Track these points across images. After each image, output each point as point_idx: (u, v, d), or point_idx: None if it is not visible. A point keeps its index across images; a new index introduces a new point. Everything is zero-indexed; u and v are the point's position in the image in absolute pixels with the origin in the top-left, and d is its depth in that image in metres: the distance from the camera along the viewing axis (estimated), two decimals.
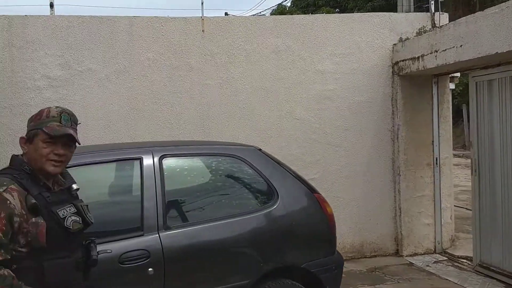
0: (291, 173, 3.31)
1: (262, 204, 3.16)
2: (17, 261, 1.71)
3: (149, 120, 5.15)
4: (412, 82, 5.77)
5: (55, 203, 1.82)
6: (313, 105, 5.54)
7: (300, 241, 3.12)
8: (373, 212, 5.78)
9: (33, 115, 1.90)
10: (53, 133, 1.80)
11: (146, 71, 5.16)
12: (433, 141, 5.86)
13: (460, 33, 4.59)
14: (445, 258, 5.66)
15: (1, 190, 1.71)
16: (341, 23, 5.64)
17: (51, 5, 5.46)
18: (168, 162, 3.09)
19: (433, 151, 5.87)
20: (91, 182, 3.16)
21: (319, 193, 3.32)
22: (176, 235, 2.89)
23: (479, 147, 5.04)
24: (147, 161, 3.02)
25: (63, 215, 1.82)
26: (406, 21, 5.84)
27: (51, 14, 5.16)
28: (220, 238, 2.94)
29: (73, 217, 1.85)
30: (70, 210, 1.87)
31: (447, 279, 4.92)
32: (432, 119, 5.85)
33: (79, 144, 1.88)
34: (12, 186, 1.73)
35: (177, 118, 5.22)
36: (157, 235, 2.83)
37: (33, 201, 1.74)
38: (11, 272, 1.66)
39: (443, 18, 5.89)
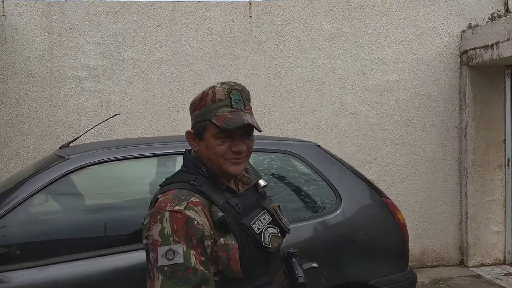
0: (356, 175, 2.85)
1: (321, 210, 2.72)
2: None
3: None
4: (482, 73, 5.14)
5: (245, 212, 1.35)
6: (371, 98, 5.02)
7: (367, 254, 2.65)
8: (436, 217, 5.20)
9: (195, 99, 1.41)
10: (226, 126, 1.32)
11: (189, 60, 4.82)
12: (505, 140, 5.22)
13: None
14: None
15: (181, 207, 1.25)
16: (404, 6, 5.08)
17: None
18: None
19: (505, 150, 5.24)
20: (130, 177, 2.85)
21: (389, 198, 2.85)
22: None
23: None
24: None
25: (258, 228, 1.34)
26: (476, 5, 5.21)
27: None
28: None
29: (270, 229, 1.37)
30: (264, 219, 1.39)
31: None
32: (505, 115, 5.21)
33: (260, 130, 1.36)
34: (193, 199, 1.29)
35: None
36: None
37: (220, 214, 1.29)
38: None
39: None
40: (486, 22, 5.05)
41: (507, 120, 5.21)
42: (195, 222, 1.23)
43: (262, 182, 1.50)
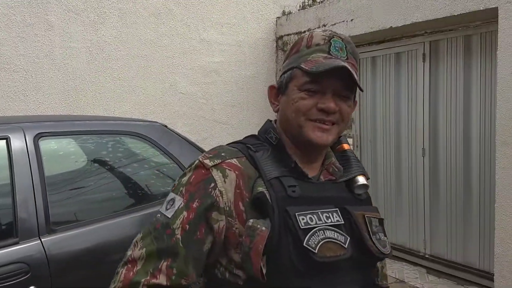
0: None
1: None
2: None
3: None
4: None
5: (303, 201, 0.96)
6: (200, 79, 5.02)
7: None
8: None
9: (291, 46, 1.07)
10: (315, 69, 0.96)
11: None
12: None
13: (351, 7, 4.55)
14: None
15: (211, 163, 0.97)
16: None
17: None
18: (47, 143, 2.33)
19: None
20: None
21: None
22: (65, 240, 2.20)
23: (361, 122, 5.15)
24: (17, 142, 2.23)
25: (306, 223, 0.93)
26: None
27: None
28: (129, 236, 2.32)
29: (329, 233, 0.95)
30: (328, 218, 0.96)
31: None
32: None
33: (362, 90, 1.01)
34: (234, 161, 0.99)
35: (34, 88, 4.19)
36: (39, 241, 2.13)
37: (261, 189, 0.94)
38: None
39: None
40: (298, 10, 5.53)
41: None
42: (212, 185, 0.95)
43: (361, 180, 1.07)
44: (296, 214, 0.93)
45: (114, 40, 4.56)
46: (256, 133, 1.11)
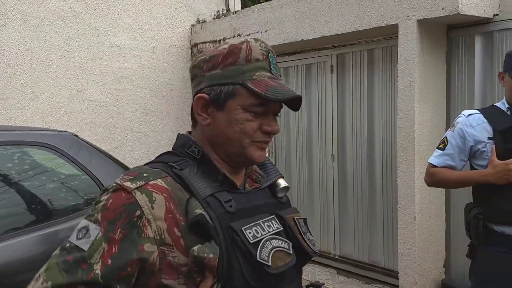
0: (120, 166, 2.70)
1: (86, 205, 2.47)
2: None
3: None
4: None
5: (241, 214, 0.93)
6: (110, 85, 4.83)
7: None
8: None
9: (213, 54, 0.97)
10: (271, 95, 0.93)
11: None
12: None
13: (265, 19, 4.67)
14: None
15: (133, 186, 0.88)
16: None
17: None
18: None
19: None
20: None
21: None
22: None
23: None
24: None
25: (254, 236, 0.91)
26: (203, 2, 5.68)
27: None
28: (35, 255, 2.16)
29: (275, 242, 0.93)
30: (270, 226, 0.95)
31: None
32: None
33: (296, 110, 1.04)
34: (159, 182, 0.90)
35: None
36: None
37: (199, 210, 0.88)
38: None
39: (236, 3, 5.98)
40: (213, 18, 5.56)
41: None
42: (138, 213, 0.86)
43: (282, 182, 1.07)
44: (242, 228, 0.91)
45: (16, 44, 4.24)
46: (171, 149, 1.04)
